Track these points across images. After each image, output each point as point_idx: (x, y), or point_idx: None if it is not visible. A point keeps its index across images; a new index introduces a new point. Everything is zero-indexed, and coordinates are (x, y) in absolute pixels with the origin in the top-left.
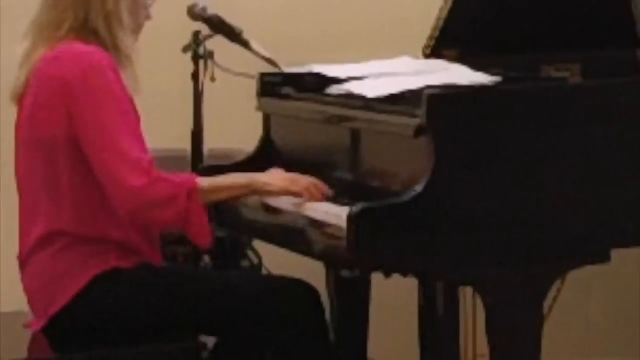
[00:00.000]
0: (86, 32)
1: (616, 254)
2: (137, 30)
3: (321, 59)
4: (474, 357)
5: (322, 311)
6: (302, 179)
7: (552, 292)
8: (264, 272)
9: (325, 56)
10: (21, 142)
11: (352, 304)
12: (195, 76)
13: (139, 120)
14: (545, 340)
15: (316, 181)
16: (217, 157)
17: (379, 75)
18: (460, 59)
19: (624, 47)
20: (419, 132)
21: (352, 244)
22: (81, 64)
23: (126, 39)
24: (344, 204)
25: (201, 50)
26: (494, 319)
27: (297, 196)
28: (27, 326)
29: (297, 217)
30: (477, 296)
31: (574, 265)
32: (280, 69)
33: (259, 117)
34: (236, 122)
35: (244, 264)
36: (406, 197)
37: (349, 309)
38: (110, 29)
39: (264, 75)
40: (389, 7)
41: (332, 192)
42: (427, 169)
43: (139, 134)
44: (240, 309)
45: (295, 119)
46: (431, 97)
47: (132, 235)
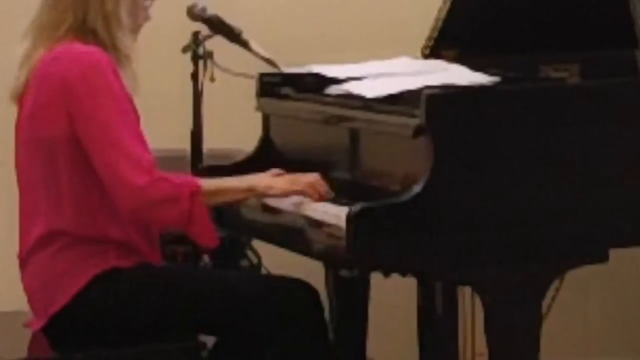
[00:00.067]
0: (85, 33)
1: (614, 253)
2: (136, 30)
3: (320, 60)
4: (473, 356)
5: (322, 311)
6: (302, 178)
7: (550, 291)
8: (264, 272)
9: (324, 56)
10: (21, 142)
11: (352, 303)
12: (194, 76)
13: (139, 120)
14: (543, 339)
15: (317, 179)
16: (217, 157)
17: (378, 75)
18: (459, 60)
19: (623, 48)
20: (418, 132)
21: (351, 244)
22: (81, 64)
23: (125, 40)
24: (343, 204)
25: (201, 50)
26: (493, 318)
27: (300, 195)
28: (27, 326)
29: (297, 217)
30: (476, 296)
31: (572, 265)
32: (279, 69)
33: (258, 118)
34: (236, 122)
35: (244, 263)
36: (405, 197)
37: (348, 308)
38: (109, 29)
39: (263, 75)
40: (388, 8)
41: (332, 194)
42: (426, 169)
43: (140, 133)
44: (239, 309)
45: (294, 119)
46: (430, 97)
47: (132, 235)
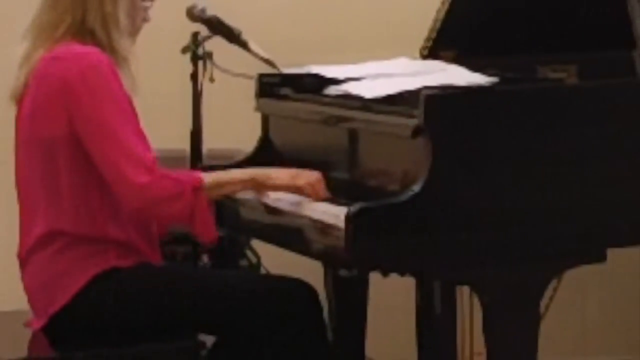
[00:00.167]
0: (83, 34)
1: (612, 253)
2: (135, 32)
3: (319, 60)
4: (471, 355)
5: (321, 310)
6: (303, 174)
7: (548, 291)
8: (263, 271)
9: (323, 57)
10: (21, 142)
11: (350, 303)
12: (194, 77)
13: (138, 120)
14: (541, 339)
15: (318, 177)
16: (216, 157)
17: (377, 76)
18: (457, 60)
19: (620, 49)
20: (416, 132)
21: (350, 244)
22: (80, 64)
23: (123, 41)
24: (342, 204)
25: (200, 51)
26: (491, 318)
27: (299, 192)
28: (27, 325)
29: (296, 217)
30: (475, 295)
31: (570, 264)
32: (278, 70)
33: (257, 118)
34: (235, 122)
35: (243, 263)
36: (404, 197)
37: (347, 308)
38: (107, 30)
39: (262, 76)
40: (387, 9)
41: (329, 195)
42: (424, 169)
43: (140, 131)
44: (239, 309)
45: (293, 120)
46: (429, 97)
47: (131, 234)
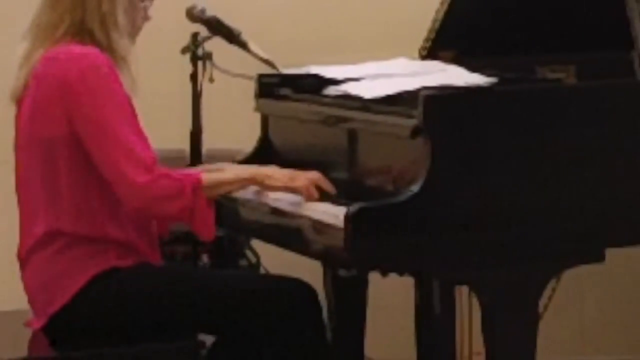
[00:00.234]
0: (82, 34)
1: (610, 253)
2: (135, 32)
3: (319, 61)
4: (470, 355)
5: (320, 310)
6: (302, 176)
7: (547, 291)
8: (262, 271)
9: (322, 58)
10: (21, 142)
11: (350, 303)
12: (194, 77)
13: (138, 120)
14: (540, 338)
15: (317, 178)
16: (216, 157)
17: (376, 76)
18: (456, 60)
19: (619, 49)
20: (415, 132)
21: (350, 244)
22: (80, 64)
23: (122, 41)
24: (341, 204)
25: (200, 51)
26: (490, 317)
27: (296, 192)
28: (27, 325)
29: (295, 217)
30: (473, 295)
31: (569, 264)
32: (278, 70)
33: (257, 118)
34: (235, 123)
35: (242, 263)
36: (403, 198)
37: (347, 308)
38: (105, 30)
39: (262, 76)
40: (386, 9)
41: (334, 190)
42: (423, 169)
43: (140, 130)
44: (238, 308)
45: (293, 120)
46: (428, 98)
47: (131, 234)
